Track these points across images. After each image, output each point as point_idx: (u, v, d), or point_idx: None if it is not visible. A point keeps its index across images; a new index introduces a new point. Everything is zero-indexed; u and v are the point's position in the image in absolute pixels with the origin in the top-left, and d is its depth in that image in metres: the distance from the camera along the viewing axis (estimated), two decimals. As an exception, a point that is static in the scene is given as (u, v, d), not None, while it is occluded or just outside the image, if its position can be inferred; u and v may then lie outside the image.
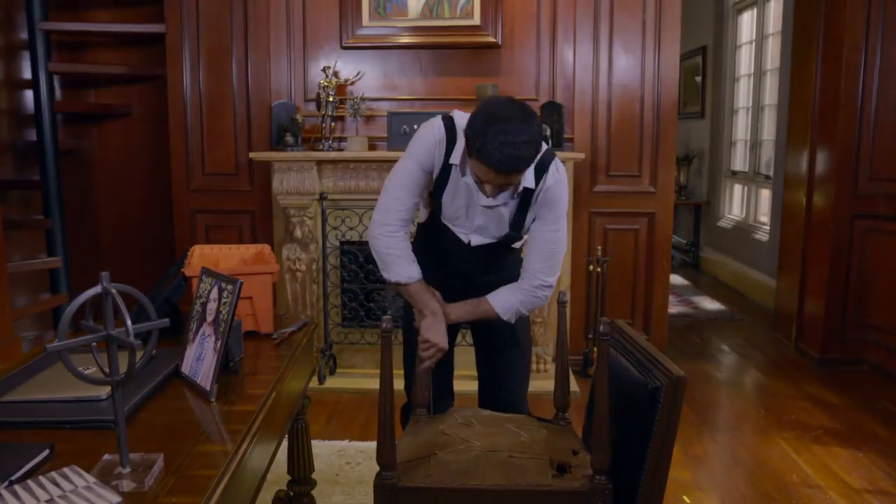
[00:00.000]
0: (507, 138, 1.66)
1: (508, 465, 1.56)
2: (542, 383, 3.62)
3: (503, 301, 1.99)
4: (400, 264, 1.98)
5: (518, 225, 1.96)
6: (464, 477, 1.52)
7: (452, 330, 2.26)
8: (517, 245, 2.11)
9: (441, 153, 1.91)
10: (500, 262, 2.09)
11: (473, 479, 1.51)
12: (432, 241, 2.12)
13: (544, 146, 1.89)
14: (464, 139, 1.78)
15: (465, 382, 2.50)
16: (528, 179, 1.86)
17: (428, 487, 1.49)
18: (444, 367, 2.20)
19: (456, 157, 1.88)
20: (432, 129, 1.92)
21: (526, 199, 1.91)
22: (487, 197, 1.85)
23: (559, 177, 1.92)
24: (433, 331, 1.95)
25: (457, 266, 2.09)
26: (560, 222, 1.95)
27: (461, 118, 1.89)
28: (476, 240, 2.01)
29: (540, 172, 1.88)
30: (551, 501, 1.49)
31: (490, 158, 1.68)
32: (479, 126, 1.70)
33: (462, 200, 1.95)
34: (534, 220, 1.95)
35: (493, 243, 2.02)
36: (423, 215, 2.17)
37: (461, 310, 2.02)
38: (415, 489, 1.49)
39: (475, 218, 1.96)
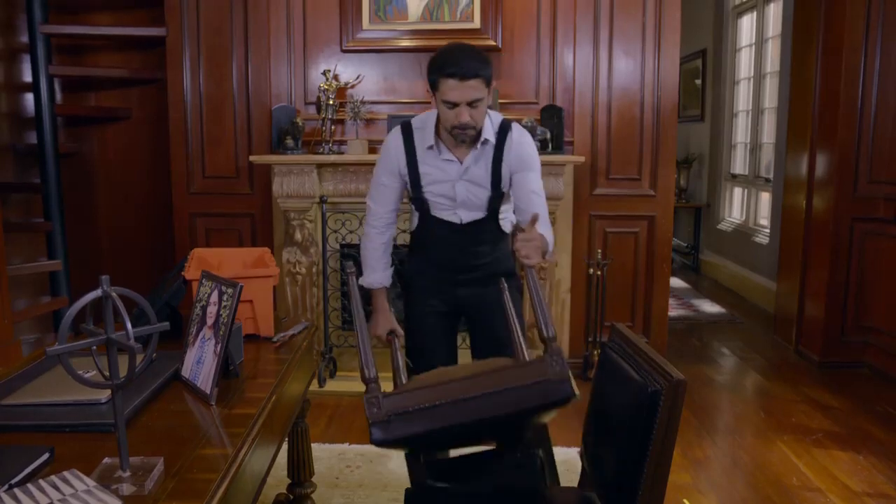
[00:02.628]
0: (459, 48, 2.05)
1: (477, 365, 1.60)
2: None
3: (545, 233, 2.04)
4: (366, 271, 2.30)
5: (496, 182, 2.14)
6: (438, 378, 1.56)
7: (451, 330, 2.31)
8: (502, 218, 2.22)
9: (402, 155, 2.17)
10: (493, 247, 2.23)
11: (447, 376, 1.55)
12: (427, 242, 2.26)
13: (502, 116, 2.20)
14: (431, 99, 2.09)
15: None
16: (488, 132, 2.12)
17: (410, 388, 1.52)
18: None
19: (430, 139, 2.13)
20: (388, 141, 2.22)
21: (497, 157, 2.13)
22: (461, 164, 2.13)
23: (525, 138, 2.18)
24: (374, 325, 2.25)
25: (455, 257, 2.22)
26: (538, 174, 2.18)
27: (417, 117, 2.20)
28: (465, 215, 2.18)
29: (503, 131, 2.15)
30: (515, 375, 1.51)
31: (452, 68, 1.97)
32: (435, 57, 2.05)
33: (441, 182, 2.15)
34: (510, 181, 2.16)
35: (482, 219, 2.18)
36: (413, 222, 2.31)
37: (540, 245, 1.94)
38: (397, 393, 1.52)
39: (457, 193, 2.15)
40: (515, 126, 2.18)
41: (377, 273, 2.29)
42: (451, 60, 1.98)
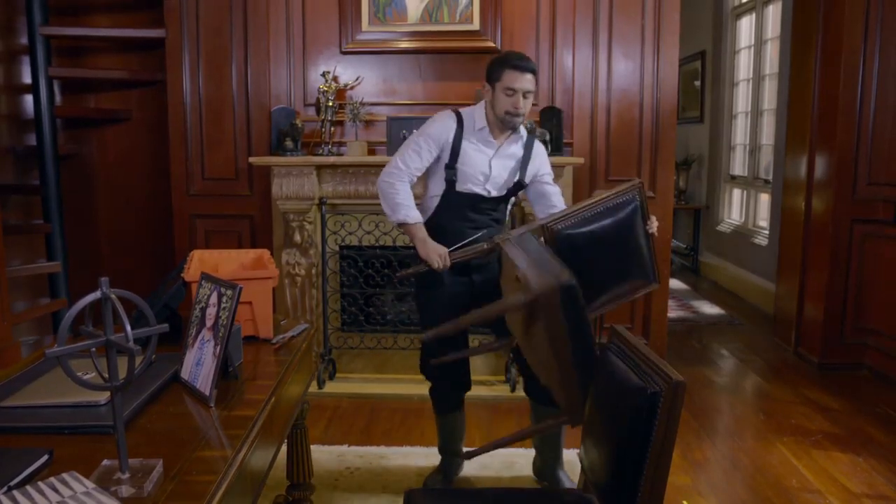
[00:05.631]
0: (518, 52, 2.56)
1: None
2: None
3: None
4: (401, 210, 2.52)
5: (524, 169, 2.62)
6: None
7: (464, 308, 2.41)
8: (508, 206, 2.74)
9: (453, 131, 2.54)
10: (496, 223, 2.65)
11: None
12: (443, 220, 2.57)
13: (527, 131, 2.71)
14: (486, 87, 2.52)
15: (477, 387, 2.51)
16: (522, 131, 2.63)
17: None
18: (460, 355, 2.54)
19: (481, 122, 2.55)
20: (442, 116, 2.60)
21: (526, 157, 2.62)
22: (497, 145, 2.57)
23: (543, 148, 2.73)
24: (428, 249, 2.47)
25: (464, 230, 2.55)
26: (551, 173, 2.75)
27: (465, 110, 2.61)
28: (493, 190, 2.59)
29: (531, 138, 2.67)
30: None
31: (516, 62, 2.46)
32: (498, 57, 2.54)
33: (480, 158, 2.55)
34: (533, 176, 2.65)
35: (502, 197, 2.62)
36: (430, 205, 2.61)
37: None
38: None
39: (491, 170, 2.56)
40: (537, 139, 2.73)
41: (413, 210, 2.54)
42: (516, 57, 2.48)
